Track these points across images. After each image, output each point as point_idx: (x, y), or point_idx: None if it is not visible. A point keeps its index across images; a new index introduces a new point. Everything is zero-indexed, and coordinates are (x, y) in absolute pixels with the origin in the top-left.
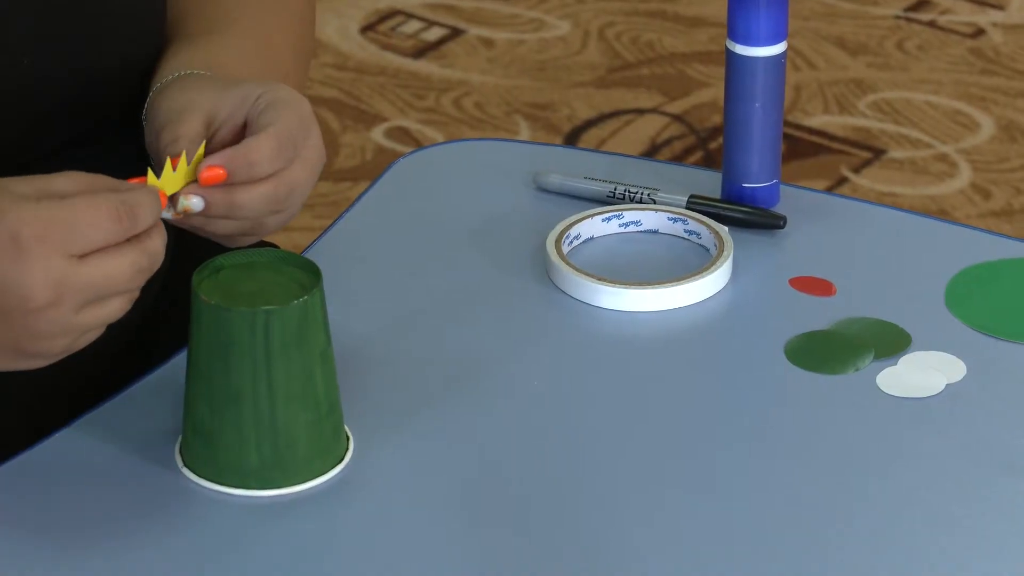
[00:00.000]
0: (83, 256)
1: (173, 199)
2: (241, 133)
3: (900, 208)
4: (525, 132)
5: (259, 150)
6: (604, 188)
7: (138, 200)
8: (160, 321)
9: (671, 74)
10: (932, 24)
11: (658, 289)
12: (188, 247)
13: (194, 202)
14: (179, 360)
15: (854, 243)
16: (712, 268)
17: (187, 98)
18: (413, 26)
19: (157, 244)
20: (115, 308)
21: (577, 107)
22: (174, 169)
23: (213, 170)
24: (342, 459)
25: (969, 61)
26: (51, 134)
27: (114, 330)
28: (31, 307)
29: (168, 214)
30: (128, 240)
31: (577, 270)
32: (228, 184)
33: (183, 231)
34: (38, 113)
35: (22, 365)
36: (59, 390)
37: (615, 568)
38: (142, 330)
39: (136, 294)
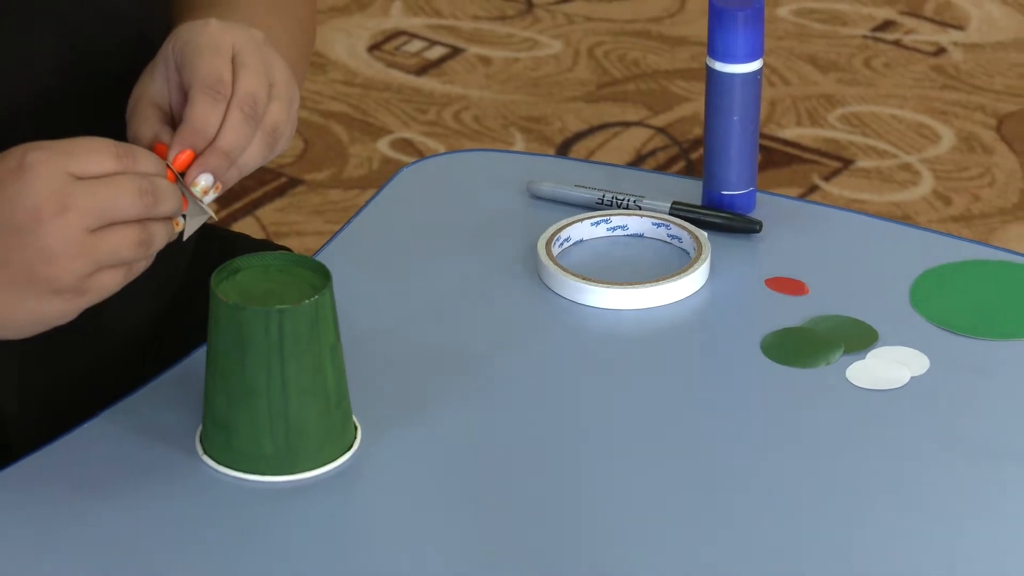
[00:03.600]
0: (83, 178)
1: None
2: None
3: (867, 214)
4: (520, 143)
5: (196, 115)
6: (593, 195)
7: (136, 147)
8: (180, 320)
9: (655, 90)
10: (897, 43)
11: (641, 289)
12: (204, 251)
13: (203, 180)
14: (198, 356)
15: (825, 246)
16: (690, 270)
17: (134, 92)
18: (416, 45)
19: (162, 181)
20: (125, 240)
21: (568, 120)
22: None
23: (180, 156)
24: (350, 447)
25: (931, 77)
26: None
27: (138, 329)
28: (38, 217)
29: (208, 197)
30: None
31: (565, 271)
32: (201, 154)
33: (200, 236)
34: (56, 127)
35: (43, 304)
36: (86, 384)
37: (602, 545)
38: (163, 328)
39: (147, 235)
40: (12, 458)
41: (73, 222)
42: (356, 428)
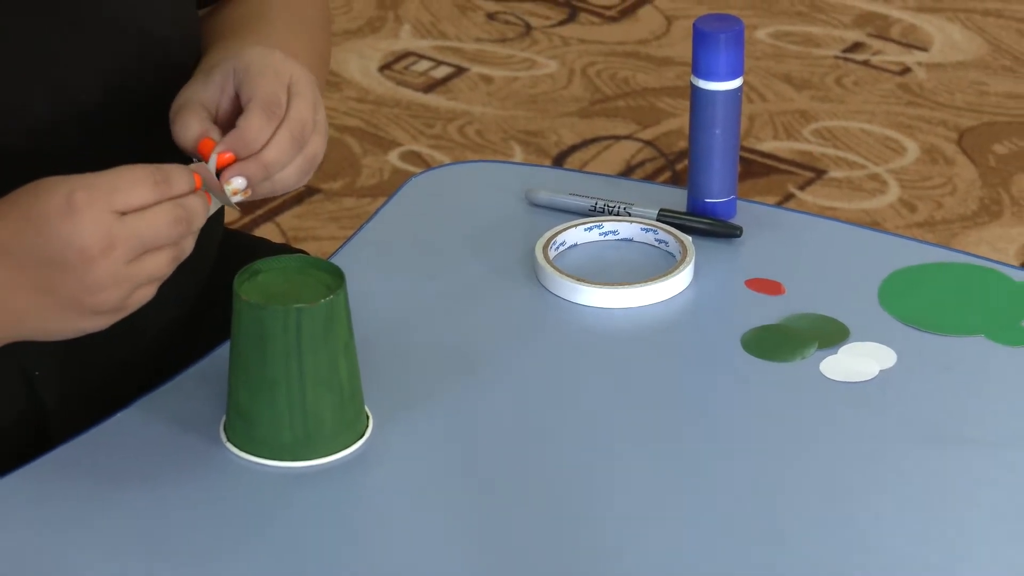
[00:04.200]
0: (126, 213)
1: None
2: (237, 102)
3: (839, 220)
4: (519, 155)
5: (250, 127)
6: (586, 203)
7: (171, 169)
8: (205, 319)
9: (643, 106)
10: (866, 63)
11: (630, 289)
12: (227, 256)
13: (237, 182)
14: (222, 352)
15: (800, 250)
16: (676, 271)
17: (184, 95)
18: (423, 65)
19: (194, 202)
20: (161, 262)
21: (563, 134)
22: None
23: (223, 155)
24: (362, 435)
25: (897, 95)
26: (110, 164)
27: (167, 328)
28: (88, 256)
29: (236, 198)
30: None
31: (561, 272)
32: (241, 159)
33: (224, 240)
34: (97, 146)
35: (85, 323)
36: (120, 377)
37: (593, 523)
38: (190, 326)
39: (179, 252)
40: (52, 445)
41: (118, 258)
42: (368, 418)
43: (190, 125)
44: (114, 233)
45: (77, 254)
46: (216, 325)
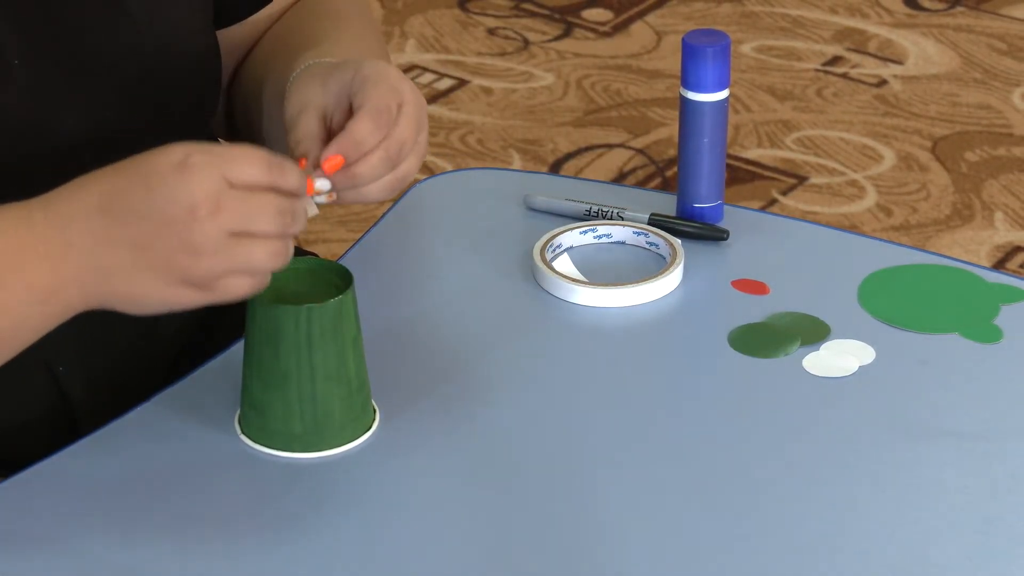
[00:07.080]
0: (236, 185)
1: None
2: (350, 114)
3: (820, 223)
4: (517, 163)
5: (360, 130)
6: (581, 207)
7: (287, 162)
8: (221, 317)
9: (635, 116)
10: (845, 76)
11: (623, 289)
12: None
13: (321, 183)
14: (237, 349)
15: (784, 252)
16: (666, 273)
17: (301, 99)
18: (427, 78)
19: (300, 204)
20: (260, 254)
21: (559, 142)
22: (302, 167)
23: (332, 159)
24: (370, 427)
25: (874, 105)
26: None
27: (185, 326)
28: (195, 215)
29: (321, 198)
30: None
31: (558, 273)
32: (347, 165)
33: None
34: (121, 153)
35: (172, 292)
36: (141, 372)
37: (587, 511)
38: (206, 325)
39: (277, 252)
40: (78, 436)
41: (222, 223)
42: (375, 411)
43: (303, 142)
44: (223, 197)
45: (185, 211)
46: (231, 323)
